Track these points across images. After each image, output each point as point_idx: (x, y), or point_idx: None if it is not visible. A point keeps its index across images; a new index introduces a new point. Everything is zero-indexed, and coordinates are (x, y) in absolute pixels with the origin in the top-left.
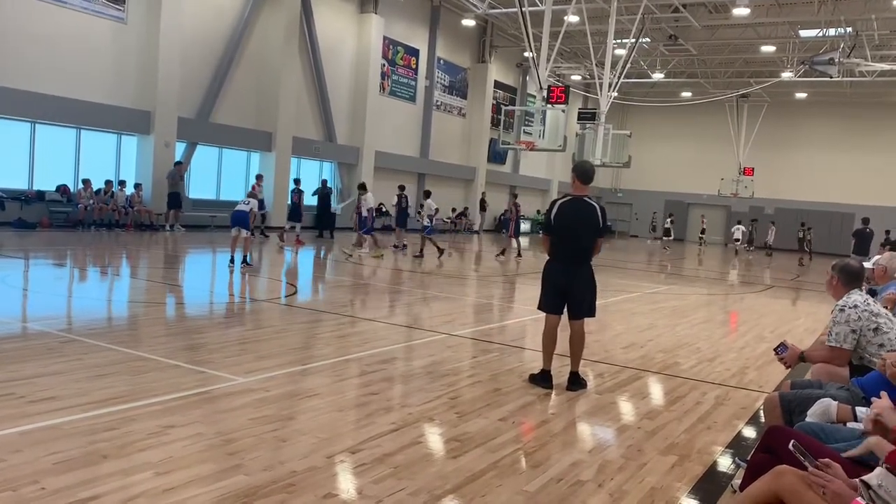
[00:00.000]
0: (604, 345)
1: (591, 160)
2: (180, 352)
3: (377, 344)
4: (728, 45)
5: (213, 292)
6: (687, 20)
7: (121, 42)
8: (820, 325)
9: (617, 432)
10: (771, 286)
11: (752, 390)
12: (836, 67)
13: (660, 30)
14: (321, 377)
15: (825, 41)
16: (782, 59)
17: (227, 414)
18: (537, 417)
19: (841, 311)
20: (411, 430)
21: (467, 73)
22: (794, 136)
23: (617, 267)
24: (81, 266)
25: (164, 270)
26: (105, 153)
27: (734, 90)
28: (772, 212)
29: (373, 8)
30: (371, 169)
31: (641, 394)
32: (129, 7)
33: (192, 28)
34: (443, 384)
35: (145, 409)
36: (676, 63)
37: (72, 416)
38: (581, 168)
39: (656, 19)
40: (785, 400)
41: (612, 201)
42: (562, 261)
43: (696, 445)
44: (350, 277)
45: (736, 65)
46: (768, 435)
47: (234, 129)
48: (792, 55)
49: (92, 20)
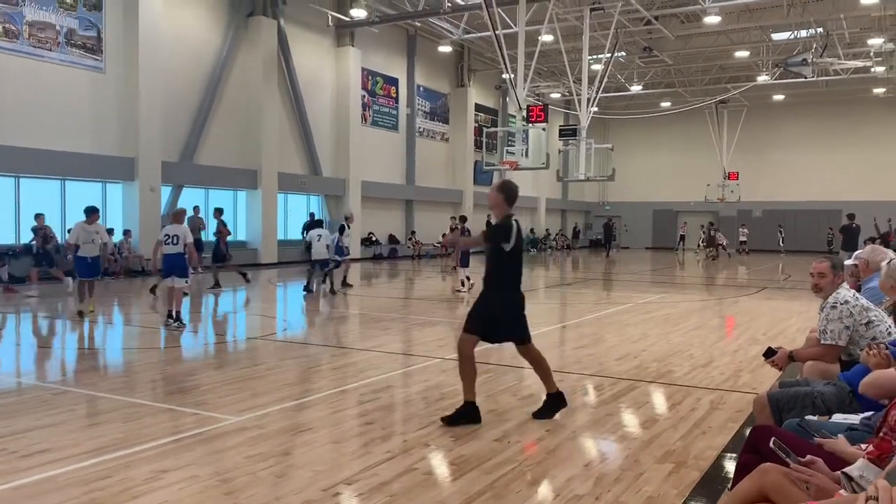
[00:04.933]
0: (598, 358)
1: (576, 175)
2: (173, 395)
3: (371, 373)
4: (702, 53)
5: (206, 332)
6: (660, 31)
7: (100, 91)
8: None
9: (613, 444)
10: (763, 288)
11: (747, 392)
12: (811, 68)
13: (634, 43)
14: (316, 410)
15: (797, 42)
16: (757, 63)
17: (222, 454)
18: (533, 435)
19: (833, 308)
20: (407, 456)
21: (447, 99)
22: (775, 138)
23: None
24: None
25: (158, 315)
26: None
27: (712, 97)
28: (760, 214)
29: (349, 41)
30: (358, 199)
31: (637, 404)
32: (106, 56)
33: (171, 72)
34: (438, 409)
35: (139, 454)
36: (653, 74)
37: (66, 467)
38: (509, 188)
39: (629, 33)
40: (773, 399)
41: (601, 214)
42: (519, 287)
43: (692, 451)
44: (342, 309)
45: (712, 72)
46: (753, 435)
47: (218, 170)
48: (766, 58)
49: (70, 72)
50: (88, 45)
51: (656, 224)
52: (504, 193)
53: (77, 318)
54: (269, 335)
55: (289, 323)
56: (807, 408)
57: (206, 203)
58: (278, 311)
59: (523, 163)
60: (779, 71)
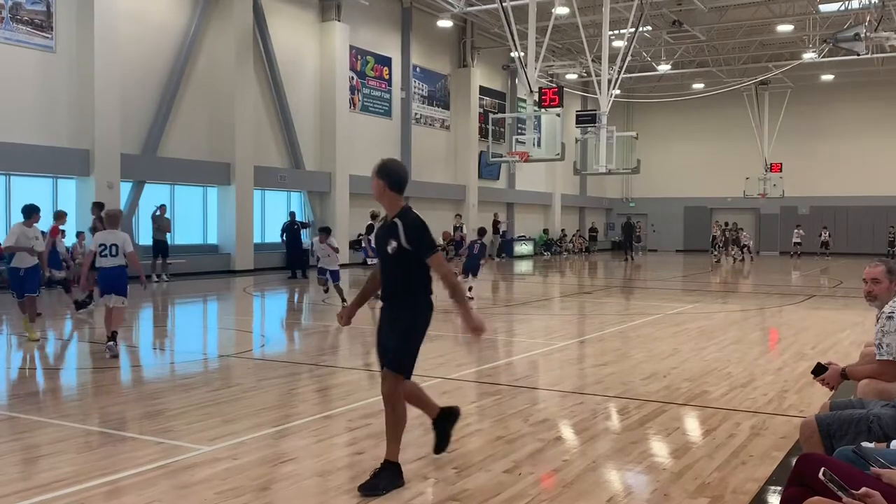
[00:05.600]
0: (621, 377)
1: (596, 167)
2: (135, 422)
3: (361, 395)
4: (740, 27)
5: (173, 351)
6: (691, 3)
7: (50, 74)
8: (866, 336)
9: (639, 476)
10: (811, 296)
11: (793, 416)
12: (864, 43)
13: (661, 16)
14: (298, 438)
15: (848, 15)
16: (802, 38)
17: (190, 489)
18: (548, 465)
19: (889, 318)
20: (403, 491)
21: (448, 81)
22: (823, 124)
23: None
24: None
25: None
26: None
27: (752, 77)
28: (806, 211)
29: (335, 14)
30: (346, 196)
31: (666, 430)
32: (57, 33)
33: (131, 51)
34: None
35: (96, 490)
36: (684, 52)
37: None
38: (391, 170)
39: (656, 4)
40: (823, 424)
41: (624, 212)
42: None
43: (730, 484)
44: (327, 322)
45: (751, 49)
46: (800, 464)
47: (186, 163)
48: (813, 33)
49: (16, 51)
50: (37, 21)
51: (687, 223)
52: (386, 178)
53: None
54: (245, 352)
55: (267, 338)
56: (861, 433)
57: (171, 201)
58: (255, 325)
59: (535, 153)
60: (827, 47)
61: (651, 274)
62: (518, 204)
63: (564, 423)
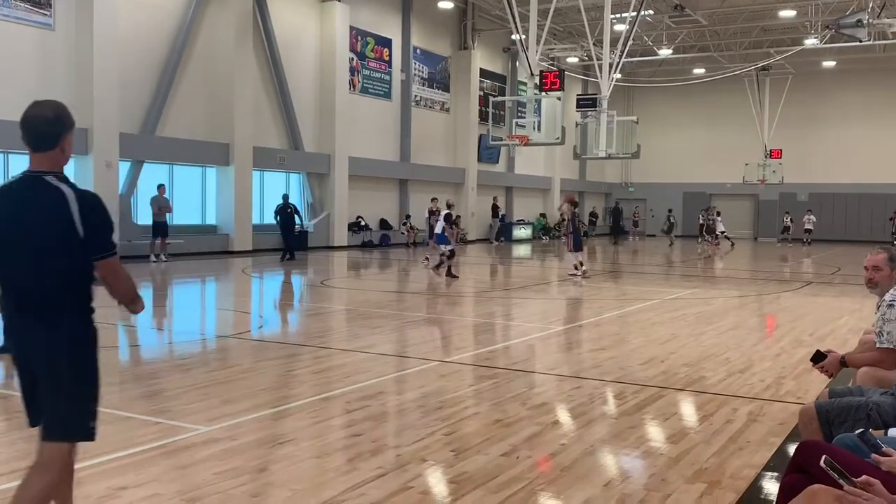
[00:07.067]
0: (619, 362)
1: (596, 152)
2: (133, 402)
3: (359, 378)
4: (742, 12)
5: (171, 331)
6: None
7: (49, 51)
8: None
9: (636, 460)
10: (809, 283)
11: (790, 402)
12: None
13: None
14: (296, 420)
15: (851, 1)
16: (804, 24)
17: (188, 469)
18: (546, 449)
19: (890, 306)
20: (401, 473)
21: (448, 63)
22: (824, 111)
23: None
24: None
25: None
26: None
27: (753, 63)
28: (805, 198)
29: None
30: (345, 177)
31: (664, 415)
32: (55, 11)
33: (130, 30)
34: (436, 419)
35: (94, 469)
36: (685, 36)
37: (7, 484)
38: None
39: None
40: (822, 410)
41: (623, 197)
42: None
43: (727, 470)
44: (326, 304)
45: (753, 34)
46: (800, 452)
47: (184, 143)
48: (815, 19)
49: (14, 28)
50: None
51: (687, 208)
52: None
53: None
54: (243, 333)
55: (265, 319)
56: (860, 420)
57: (170, 181)
58: (253, 305)
59: (535, 137)
60: (829, 33)
61: (649, 259)
62: (517, 188)
63: (562, 407)
